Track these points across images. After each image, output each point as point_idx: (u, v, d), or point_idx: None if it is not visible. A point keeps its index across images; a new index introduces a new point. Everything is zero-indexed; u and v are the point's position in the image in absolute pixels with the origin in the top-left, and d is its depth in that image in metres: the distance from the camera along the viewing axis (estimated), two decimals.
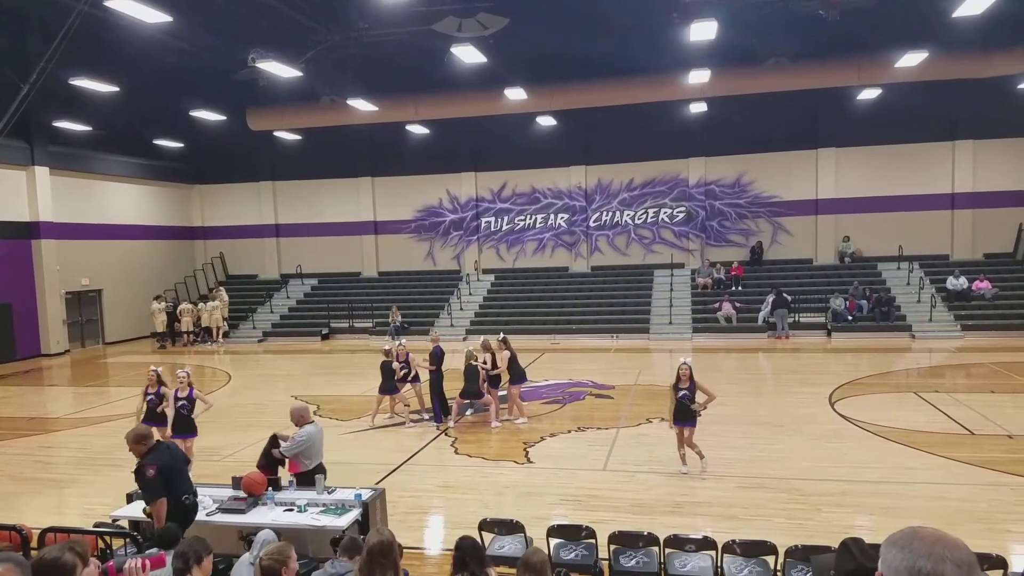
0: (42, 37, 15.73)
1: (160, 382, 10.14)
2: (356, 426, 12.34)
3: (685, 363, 9.30)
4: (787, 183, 25.11)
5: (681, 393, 9.13)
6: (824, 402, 13.06)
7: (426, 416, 12.68)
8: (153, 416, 10.00)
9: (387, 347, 12.88)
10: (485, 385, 12.15)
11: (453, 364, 13.44)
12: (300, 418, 7.59)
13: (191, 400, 9.86)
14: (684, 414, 9.18)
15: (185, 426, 9.81)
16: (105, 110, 21.64)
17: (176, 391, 9.85)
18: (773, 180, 25.20)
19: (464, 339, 21.74)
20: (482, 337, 13.79)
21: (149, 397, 10.04)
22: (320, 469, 7.30)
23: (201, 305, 25.60)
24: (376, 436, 11.85)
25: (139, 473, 5.64)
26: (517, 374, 12.42)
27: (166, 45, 17.20)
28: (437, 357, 12.56)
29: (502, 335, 12.95)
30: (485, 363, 12.16)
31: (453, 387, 12.44)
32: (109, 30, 15.78)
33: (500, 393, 12.73)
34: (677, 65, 18.91)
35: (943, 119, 23.24)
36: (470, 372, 12.02)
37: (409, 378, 12.76)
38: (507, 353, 12.22)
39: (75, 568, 3.05)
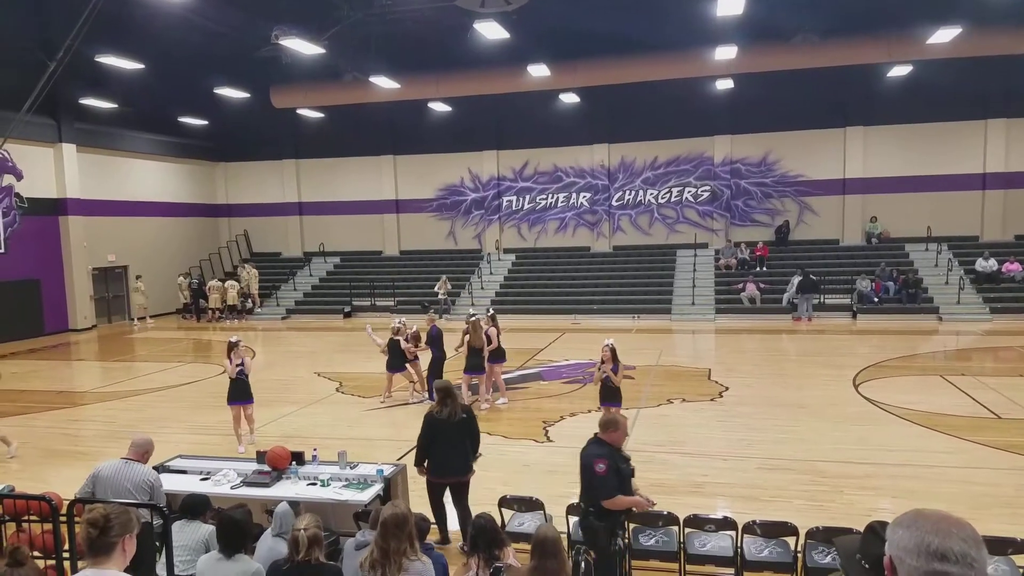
0: (68, 15, 15.82)
1: None
2: (377, 403, 12.46)
3: (608, 344, 9.42)
4: (814, 162, 24.69)
5: (605, 375, 9.39)
6: (848, 384, 12.93)
7: (425, 396, 12.42)
8: None
9: (395, 324, 12.73)
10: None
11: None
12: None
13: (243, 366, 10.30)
14: (608, 395, 9.48)
15: (241, 392, 10.24)
16: (130, 87, 21.80)
17: (232, 359, 10.21)
18: (800, 159, 24.79)
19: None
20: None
21: None
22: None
23: (244, 272, 26.12)
24: (396, 413, 11.95)
25: None
26: (497, 353, 12.38)
27: (190, 22, 17.22)
28: (434, 338, 12.38)
29: (491, 311, 12.94)
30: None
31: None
32: (134, 8, 15.85)
33: (504, 376, 12.75)
34: (703, 41, 18.58)
35: (975, 97, 22.65)
36: (473, 346, 11.95)
37: (410, 356, 12.54)
38: (494, 330, 12.22)
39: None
